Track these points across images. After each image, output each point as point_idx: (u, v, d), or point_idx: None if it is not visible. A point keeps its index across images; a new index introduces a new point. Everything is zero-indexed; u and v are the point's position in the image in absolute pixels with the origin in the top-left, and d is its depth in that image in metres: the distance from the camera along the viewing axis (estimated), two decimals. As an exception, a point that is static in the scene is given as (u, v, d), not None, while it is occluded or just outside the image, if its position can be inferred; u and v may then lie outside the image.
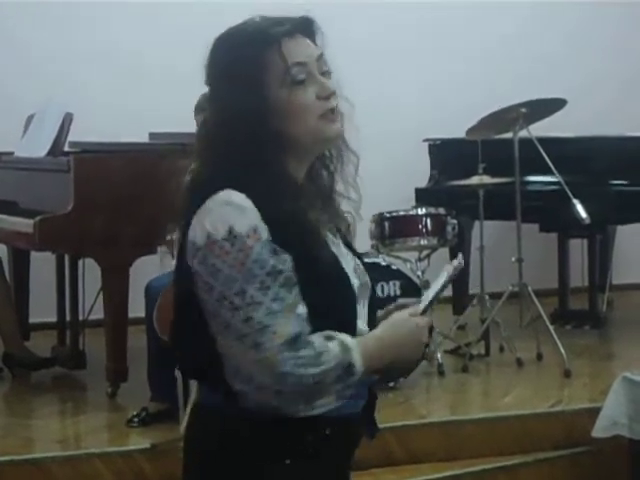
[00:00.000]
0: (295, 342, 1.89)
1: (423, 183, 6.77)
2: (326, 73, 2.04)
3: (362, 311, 2.07)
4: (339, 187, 2.13)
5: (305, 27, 2.04)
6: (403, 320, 2.04)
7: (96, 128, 5.85)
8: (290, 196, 1.97)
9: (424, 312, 2.07)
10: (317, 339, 1.92)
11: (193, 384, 2.25)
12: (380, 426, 2.15)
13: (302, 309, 1.92)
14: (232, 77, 1.98)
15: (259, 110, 1.96)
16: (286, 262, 1.90)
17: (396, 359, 2.02)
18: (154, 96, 6.57)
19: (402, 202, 6.08)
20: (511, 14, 7.60)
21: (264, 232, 1.90)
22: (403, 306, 2.10)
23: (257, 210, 1.91)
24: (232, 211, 1.90)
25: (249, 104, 1.96)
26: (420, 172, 6.76)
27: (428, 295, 2.12)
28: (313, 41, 2.05)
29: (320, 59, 2.04)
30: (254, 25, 2.02)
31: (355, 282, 2.05)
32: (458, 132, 6.11)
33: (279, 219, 1.92)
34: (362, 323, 2.06)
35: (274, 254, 1.90)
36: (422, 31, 7.43)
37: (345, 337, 1.95)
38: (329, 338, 1.93)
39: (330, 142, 2.05)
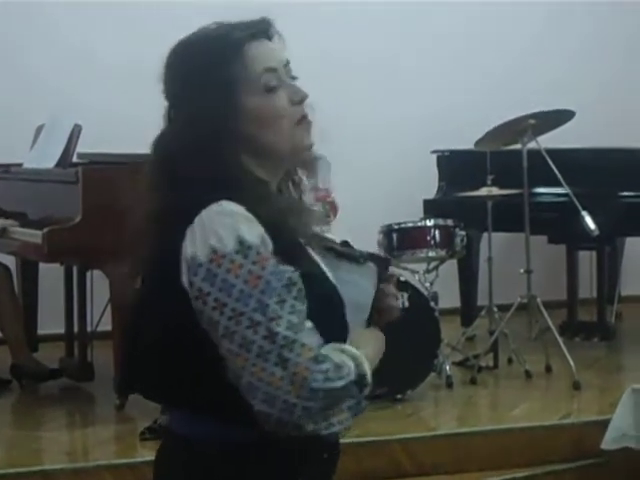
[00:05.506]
0: (317, 355, 1.75)
1: (431, 194, 6.77)
2: (293, 79, 1.92)
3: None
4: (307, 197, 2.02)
5: (266, 30, 1.91)
6: (376, 334, 1.98)
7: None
8: (276, 205, 1.86)
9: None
10: (331, 351, 1.78)
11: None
12: (388, 438, 2.13)
13: (310, 322, 1.78)
14: (197, 87, 1.85)
15: (230, 119, 1.84)
16: (295, 273, 1.78)
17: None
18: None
19: (410, 213, 6.08)
20: (523, 25, 7.62)
21: (269, 242, 1.77)
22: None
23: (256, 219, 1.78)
24: (236, 221, 1.76)
25: (219, 113, 1.84)
26: (428, 183, 6.76)
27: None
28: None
29: (287, 64, 1.92)
30: (215, 30, 1.89)
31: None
32: (466, 143, 6.11)
33: (273, 229, 1.79)
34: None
35: (282, 264, 1.77)
36: (431, 44, 7.43)
37: (352, 348, 1.83)
38: (339, 350, 1.81)
39: (306, 150, 1.93)
